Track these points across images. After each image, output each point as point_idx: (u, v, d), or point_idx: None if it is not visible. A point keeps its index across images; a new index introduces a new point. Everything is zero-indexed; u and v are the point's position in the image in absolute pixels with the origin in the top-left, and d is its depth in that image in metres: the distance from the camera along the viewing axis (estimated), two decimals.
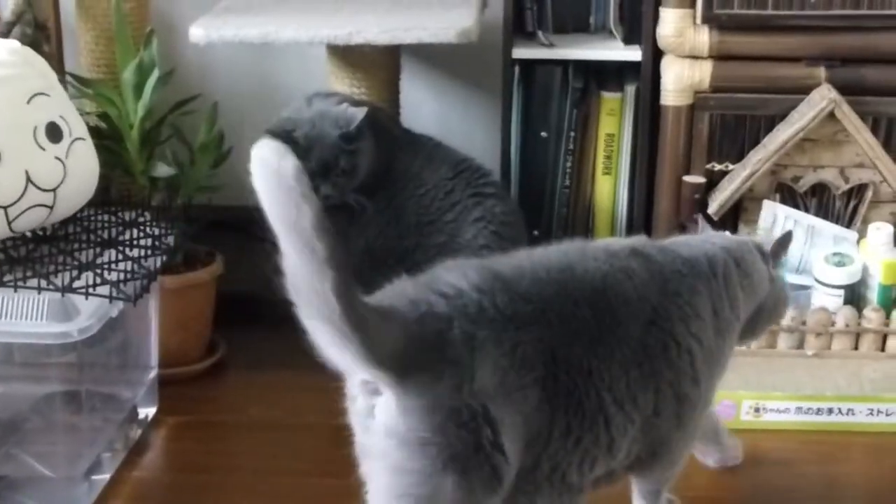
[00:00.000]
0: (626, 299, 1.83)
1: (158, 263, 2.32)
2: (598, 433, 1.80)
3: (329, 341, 1.65)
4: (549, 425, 1.75)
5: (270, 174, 1.59)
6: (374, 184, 2.63)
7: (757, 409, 2.48)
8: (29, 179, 2.14)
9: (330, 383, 2.61)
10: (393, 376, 1.66)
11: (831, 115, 2.62)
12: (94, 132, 2.52)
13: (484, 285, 1.73)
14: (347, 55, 2.86)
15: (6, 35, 2.68)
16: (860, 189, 2.70)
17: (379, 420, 1.71)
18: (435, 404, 1.67)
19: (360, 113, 2.57)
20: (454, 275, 1.75)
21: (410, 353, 1.66)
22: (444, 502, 1.69)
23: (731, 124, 2.74)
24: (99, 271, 2.18)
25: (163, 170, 2.62)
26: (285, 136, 2.56)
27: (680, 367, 1.88)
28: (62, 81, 2.52)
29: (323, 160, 2.56)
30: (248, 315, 2.88)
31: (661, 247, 1.97)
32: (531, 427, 1.74)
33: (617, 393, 1.80)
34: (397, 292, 1.76)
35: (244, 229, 3.19)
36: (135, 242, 2.34)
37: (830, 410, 2.46)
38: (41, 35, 2.76)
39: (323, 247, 1.58)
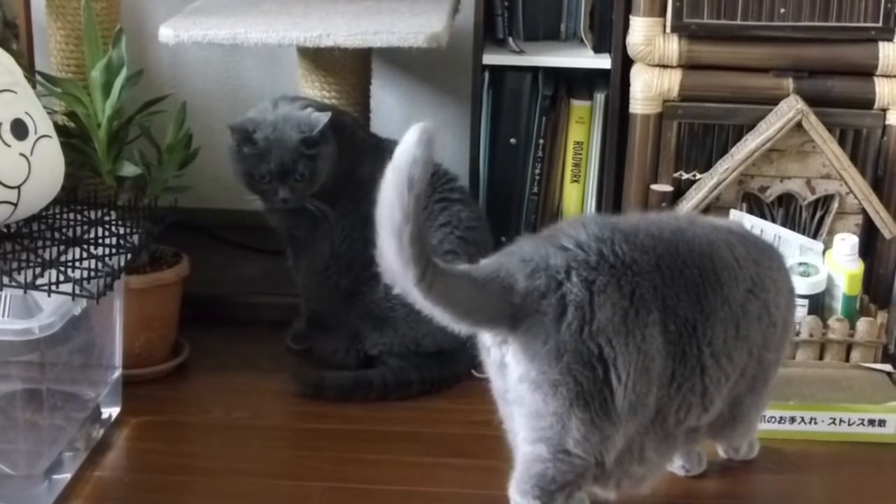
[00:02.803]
0: (728, 265, 2.02)
1: (123, 262, 2.31)
2: (694, 382, 1.98)
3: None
4: (665, 367, 1.94)
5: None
6: (338, 189, 2.63)
7: None
8: None
9: (292, 386, 2.64)
10: (505, 329, 1.87)
11: (798, 126, 2.63)
12: (62, 131, 2.52)
13: (604, 235, 1.93)
14: (318, 58, 2.86)
15: None
16: (826, 200, 2.71)
17: (512, 368, 1.90)
18: (560, 347, 1.86)
19: (323, 118, 2.57)
20: (575, 229, 1.95)
21: (521, 305, 1.86)
22: (572, 439, 1.90)
23: (699, 133, 2.75)
24: (62, 269, 2.17)
25: (130, 169, 2.61)
26: (245, 135, 2.56)
27: (767, 334, 2.08)
28: (31, 79, 2.52)
29: (282, 163, 2.55)
30: (213, 317, 2.88)
31: (748, 230, 2.23)
32: (654, 366, 1.92)
33: (715, 347, 1.98)
34: (512, 251, 1.95)
35: (210, 231, 3.22)
36: (100, 241, 2.33)
37: (793, 419, 2.47)
38: (10, 33, 2.76)
39: (409, 243, 1.77)
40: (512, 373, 1.92)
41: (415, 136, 1.74)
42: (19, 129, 2.19)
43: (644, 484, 2.09)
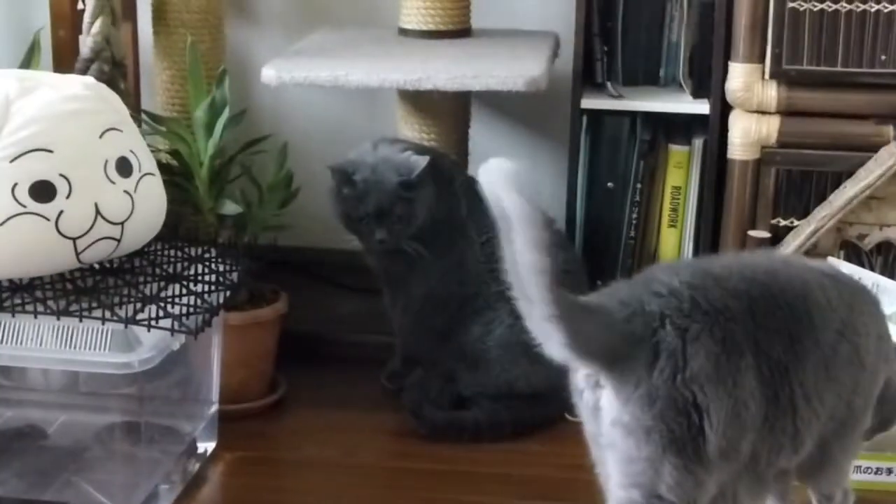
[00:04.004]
0: (820, 308, 2.00)
1: (221, 299, 2.34)
2: (786, 424, 1.96)
3: (544, 333, 1.83)
4: (758, 410, 1.92)
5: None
6: (435, 231, 2.65)
7: None
8: (98, 212, 2.18)
9: (386, 425, 2.66)
10: (602, 366, 1.86)
11: None
12: (165, 169, 2.57)
13: (696, 282, 1.91)
14: (417, 101, 2.89)
15: (84, 72, 2.74)
16: None
17: (605, 412, 1.89)
18: (653, 393, 1.84)
19: (422, 161, 2.59)
20: (668, 274, 1.93)
21: (619, 348, 1.85)
22: (665, 485, 1.87)
23: (798, 180, 2.73)
24: (162, 304, 2.21)
25: (230, 208, 2.65)
26: (345, 176, 2.59)
27: (857, 378, 2.06)
28: (137, 118, 2.57)
29: (379, 205, 2.58)
30: (310, 354, 2.91)
31: (840, 271, 2.21)
32: (747, 411, 1.90)
33: (807, 389, 1.96)
34: (610, 293, 1.94)
35: (309, 270, 3.25)
36: (199, 278, 2.36)
37: (890, 471, 2.44)
38: (118, 73, 2.81)
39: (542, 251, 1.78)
40: (605, 416, 1.90)
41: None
42: (124, 166, 2.23)
43: None
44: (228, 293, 2.38)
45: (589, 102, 2.92)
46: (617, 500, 1.95)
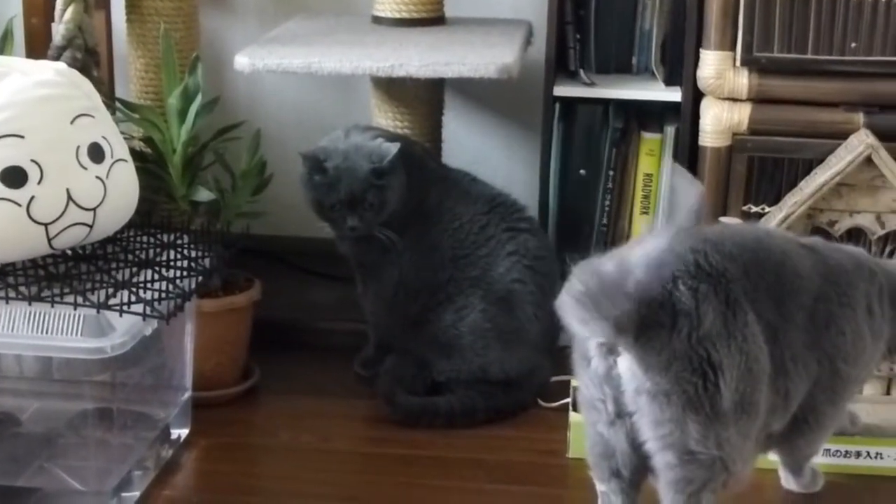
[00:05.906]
0: (798, 275, 2.10)
1: (193, 284, 2.35)
2: (780, 385, 2.06)
3: (579, 323, 1.92)
4: (768, 366, 2.01)
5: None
6: (407, 218, 2.65)
7: None
8: (70, 198, 2.18)
9: (359, 411, 2.67)
10: (630, 338, 1.91)
11: (868, 161, 2.62)
12: (139, 156, 2.57)
13: (697, 246, 1.99)
14: (391, 88, 2.89)
15: (56, 59, 2.73)
16: None
17: (626, 381, 1.98)
18: (670, 356, 1.93)
19: (393, 148, 2.60)
20: (669, 240, 2.01)
21: (644, 314, 1.91)
22: (693, 440, 1.96)
23: (769, 167, 2.75)
24: (134, 290, 2.21)
25: (204, 194, 2.66)
26: (316, 164, 2.59)
27: (837, 344, 2.14)
28: (110, 106, 2.57)
29: (351, 192, 2.58)
30: (284, 342, 2.92)
31: (828, 245, 2.26)
32: (758, 364, 1.99)
33: (794, 350, 2.07)
34: (617, 264, 1.99)
35: (282, 257, 3.26)
36: (172, 263, 2.37)
37: (858, 454, 2.45)
38: (91, 60, 2.81)
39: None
40: (627, 385, 1.97)
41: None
42: (96, 152, 2.23)
43: (740, 483, 2.11)
44: (201, 279, 2.39)
45: (562, 90, 2.93)
46: (659, 466, 2.03)
